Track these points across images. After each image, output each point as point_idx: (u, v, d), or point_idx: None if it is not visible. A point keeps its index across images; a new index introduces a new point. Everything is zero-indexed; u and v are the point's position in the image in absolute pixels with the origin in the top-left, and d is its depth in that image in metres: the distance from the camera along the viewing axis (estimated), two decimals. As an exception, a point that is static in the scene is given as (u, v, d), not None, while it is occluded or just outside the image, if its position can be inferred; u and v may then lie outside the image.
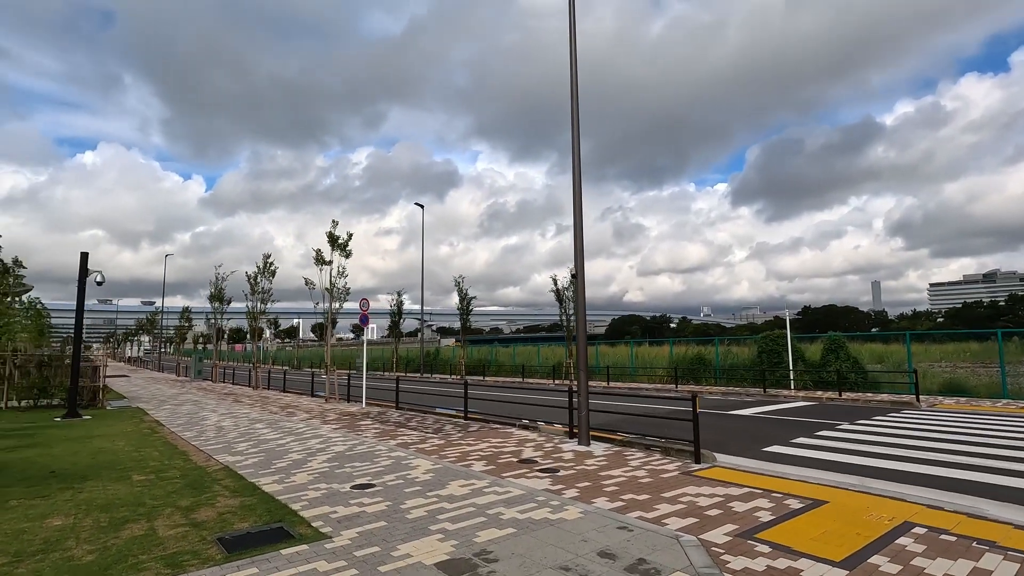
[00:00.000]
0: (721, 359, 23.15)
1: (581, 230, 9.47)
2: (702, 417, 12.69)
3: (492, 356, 34.90)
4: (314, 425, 11.68)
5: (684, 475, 6.95)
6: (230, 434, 10.65)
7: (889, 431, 10.52)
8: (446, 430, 10.72)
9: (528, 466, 7.43)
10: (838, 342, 19.14)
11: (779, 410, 14.15)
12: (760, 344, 21.22)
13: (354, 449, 8.78)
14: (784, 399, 16.86)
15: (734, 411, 13.95)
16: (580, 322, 9.33)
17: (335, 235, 18.10)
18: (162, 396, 20.55)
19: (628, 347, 28.13)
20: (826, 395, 16.80)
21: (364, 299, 16.62)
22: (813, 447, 9.01)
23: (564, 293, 25.49)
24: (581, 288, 9.37)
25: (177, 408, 15.86)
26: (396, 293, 38.65)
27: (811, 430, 10.70)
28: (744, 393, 18.22)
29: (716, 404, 15.70)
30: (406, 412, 13.97)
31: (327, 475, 7.05)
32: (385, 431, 10.68)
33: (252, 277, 24.53)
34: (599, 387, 22.66)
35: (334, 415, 13.46)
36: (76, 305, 14.64)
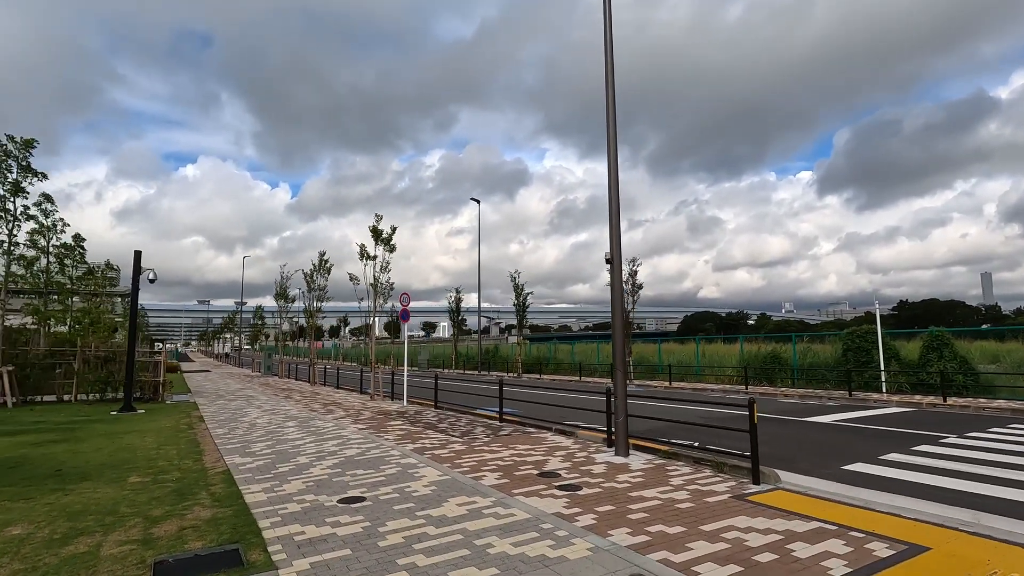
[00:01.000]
0: (800, 358, 20.83)
1: (618, 207, 8.27)
2: (770, 425, 11.10)
3: (551, 353, 33.83)
4: (343, 424, 11.18)
5: (735, 499, 5.65)
6: (255, 432, 10.33)
7: (1013, 448, 8.54)
8: (475, 433, 9.86)
9: (547, 481, 6.38)
10: (942, 338, 16.52)
11: (867, 417, 12.17)
12: (845, 340, 18.81)
13: (367, 453, 8.09)
14: (873, 404, 14.67)
15: (811, 418, 12.14)
16: (616, 314, 8.15)
17: (379, 229, 17.73)
18: (224, 391, 21.16)
19: (694, 345, 26.13)
20: (926, 400, 14.45)
21: (404, 294, 16.11)
22: (908, 466, 7.33)
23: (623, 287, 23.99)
24: (617, 274, 8.17)
25: (228, 404, 16.05)
26: (455, 291, 38.42)
27: (906, 443, 8.89)
28: (826, 397, 16.10)
29: (790, 409, 13.85)
30: (444, 412, 13.27)
31: (322, 484, 6.35)
32: (410, 433, 9.96)
33: (308, 275, 24.91)
34: (660, 388, 21.07)
35: (369, 414, 12.97)
36: (131, 302, 15.09)
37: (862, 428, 10.62)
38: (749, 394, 18.01)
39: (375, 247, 17.79)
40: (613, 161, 8.32)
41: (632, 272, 23.84)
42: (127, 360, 14.68)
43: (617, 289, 8.13)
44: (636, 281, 23.83)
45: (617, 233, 8.20)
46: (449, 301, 38.47)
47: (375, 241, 17.76)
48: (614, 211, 8.22)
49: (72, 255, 22.43)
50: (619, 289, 8.13)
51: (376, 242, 17.77)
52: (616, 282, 8.14)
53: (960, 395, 15.39)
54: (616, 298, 8.12)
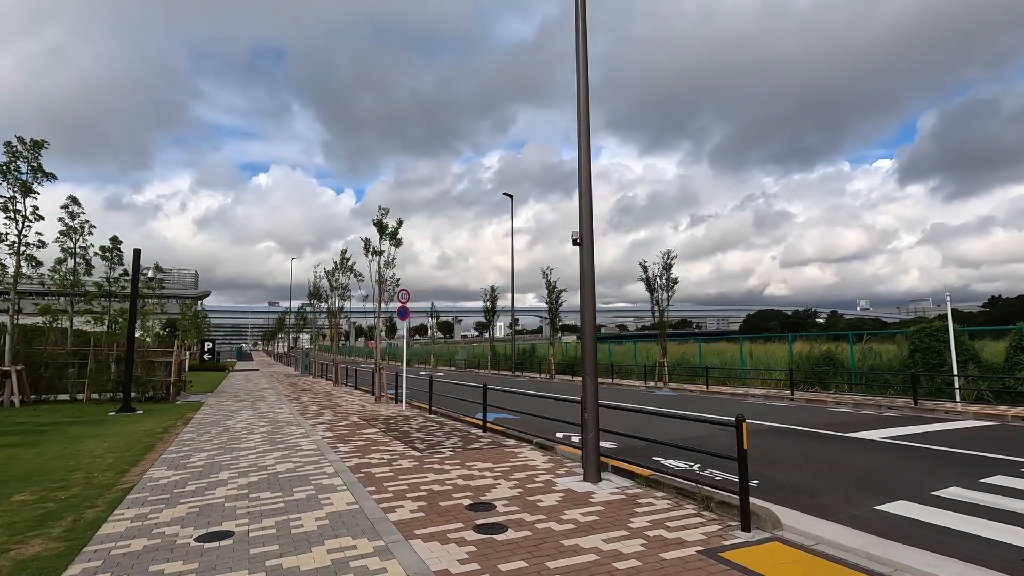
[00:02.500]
0: (859, 359, 18.27)
1: (588, 178, 6.80)
2: (805, 442, 9.17)
3: (586, 353, 32.10)
4: (313, 432, 10.23)
5: (704, 556, 4.13)
6: (220, 439, 9.55)
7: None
8: (442, 446, 8.63)
9: (472, 517, 5.05)
10: (1033, 337, 13.78)
11: (930, 434, 10.01)
12: (912, 340, 16.21)
13: (299, 470, 7.02)
14: (943, 416, 12.29)
15: (859, 433, 10.11)
16: (586, 308, 6.66)
17: (384, 223, 16.86)
18: (245, 390, 21.00)
19: (738, 344, 23.77)
20: (1012, 411, 11.94)
21: (403, 289, 15.13)
22: (971, 508, 5.47)
23: (656, 281, 22.06)
24: (588, 258, 6.70)
25: (232, 404, 15.62)
26: (490, 288, 37.34)
27: (975, 472, 6.91)
28: (886, 405, 13.77)
29: (838, 421, 11.77)
30: (435, 418, 12.13)
31: (208, 511, 5.31)
32: (371, 445, 8.86)
33: (329, 273, 24.52)
34: (696, 392, 19.10)
35: (355, 419, 12.02)
36: (130, 299, 14.90)
37: (920, 448, 8.58)
38: (795, 400, 15.82)
39: (380, 242, 16.94)
40: (584, 126, 6.86)
41: (667, 265, 21.87)
42: (126, 360, 14.47)
43: (588, 277, 6.66)
44: (670, 275, 21.83)
45: (588, 209, 6.73)
46: (485, 300, 37.43)
47: (380, 235, 16.91)
48: (584, 183, 6.76)
49: (111, 257, 23.03)
50: (590, 277, 6.66)
51: (381, 236, 16.91)
52: (587, 268, 6.67)
53: (1059, 405, 12.71)
54: (586, 287, 6.65)
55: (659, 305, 22.08)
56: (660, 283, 21.96)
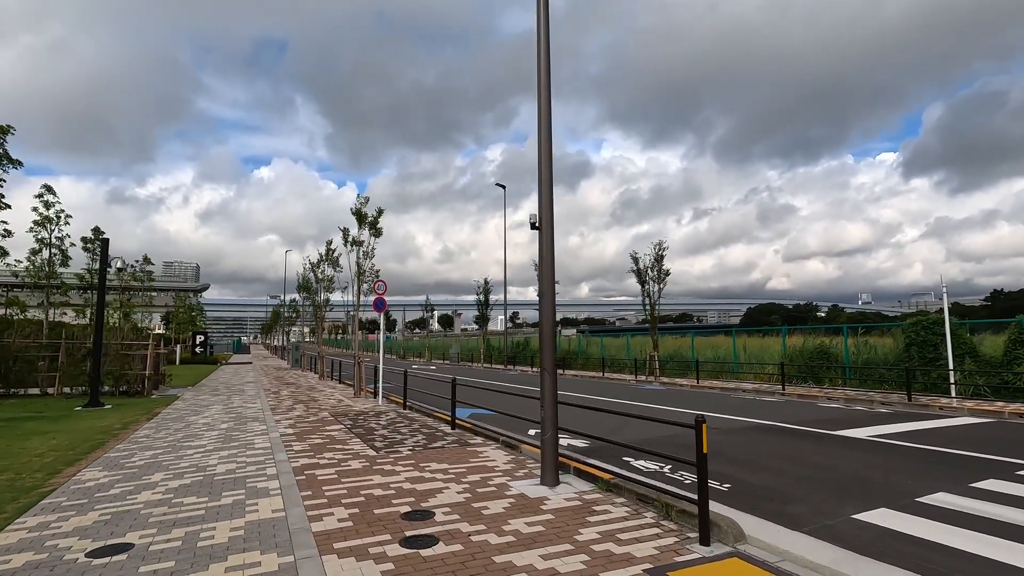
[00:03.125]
0: (854, 353, 17.74)
1: (549, 161, 6.27)
2: (789, 440, 8.60)
3: (580, 347, 31.64)
4: (275, 429, 9.77)
5: (655, 575, 3.65)
6: (175, 436, 9.09)
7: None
8: (403, 444, 8.16)
9: (404, 527, 4.58)
10: (1033, 330, 13.24)
11: (922, 432, 9.51)
12: (908, 333, 15.68)
13: (239, 471, 6.56)
14: (937, 412, 11.79)
15: (847, 430, 9.62)
16: (545, 296, 6.15)
17: (363, 211, 16.32)
18: (228, 383, 20.56)
19: (731, 338, 23.25)
20: (1010, 408, 11.43)
21: (380, 280, 14.63)
22: (958, 517, 4.97)
23: (647, 273, 21.51)
24: (547, 242, 6.18)
25: (208, 399, 15.18)
26: (483, 281, 36.83)
27: (966, 475, 6.41)
28: (879, 401, 13.26)
29: (827, 418, 11.28)
30: (407, 414, 11.67)
31: (119, 518, 4.84)
32: (329, 443, 8.39)
33: (315, 265, 23.96)
34: (686, 387, 18.62)
35: (325, 414, 11.55)
36: (98, 291, 14.42)
37: (909, 448, 8.09)
38: (786, 396, 15.33)
39: (359, 231, 16.42)
40: (545, 101, 6.32)
41: (658, 256, 21.30)
42: (93, 353, 14.01)
43: (547, 263, 6.14)
44: (662, 267, 21.27)
45: (548, 191, 6.21)
46: (478, 292, 36.91)
47: (359, 225, 16.38)
48: (544, 163, 6.23)
49: (94, 249, 22.52)
50: (549, 263, 6.14)
51: (360, 226, 16.38)
52: (546, 253, 6.15)
53: (1059, 401, 12.20)
54: (545, 274, 6.13)
55: (650, 298, 21.55)
56: (651, 275, 21.41)
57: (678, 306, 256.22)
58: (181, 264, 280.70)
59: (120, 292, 28.36)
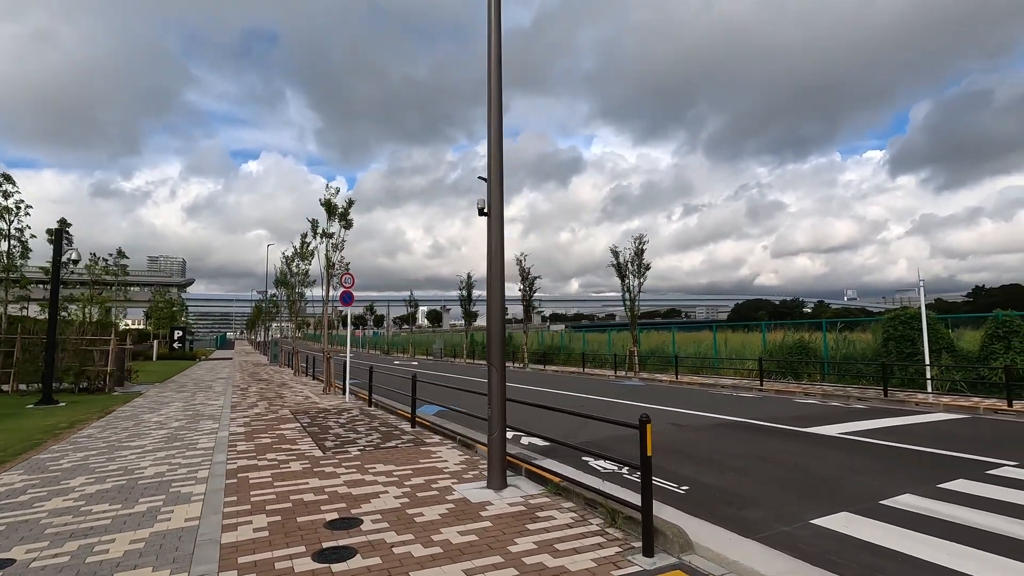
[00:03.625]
0: (834, 348, 17.57)
1: (499, 142, 5.89)
2: (758, 438, 8.20)
3: (563, 343, 31.35)
4: (226, 428, 9.32)
5: (580, 594, 3.29)
6: (116, 436, 8.62)
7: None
8: (358, 443, 7.76)
9: (327, 537, 4.19)
10: (1010, 324, 13.10)
11: (895, 428, 9.28)
12: (886, 328, 15.51)
13: (168, 474, 6.13)
14: (913, 408, 11.60)
15: (819, 428, 9.36)
16: (493, 288, 5.77)
17: (332, 203, 15.83)
18: (198, 380, 20.00)
19: (712, 333, 23.05)
20: (985, 404, 11.26)
21: (348, 274, 14.18)
22: (924, 521, 4.68)
23: (627, 267, 21.21)
24: (497, 230, 5.80)
25: (171, 395, 14.65)
26: (466, 275, 36.35)
27: (935, 475, 6.14)
28: (855, 397, 13.06)
29: (801, 414, 11.04)
30: (370, 411, 11.27)
31: (11, 530, 4.42)
32: (282, 441, 7.97)
33: (289, 260, 23.41)
34: (665, 382, 18.38)
35: (286, 412, 11.11)
36: (51, 283, 13.83)
37: (880, 447, 7.83)
38: (764, 391, 15.11)
39: (328, 223, 15.93)
40: (496, 73, 5.93)
41: (638, 250, 21.02)
42: (46, 348, 13.43)
43: (496, 252, 5.76)
44: (642, 261, 20.99)
45: (498, 174, 5.83)
46: (460, 287, 36.41)
47: (329, 216, 15.89)
48: (494, 144, 5.85)
49: (60, 241, 21.76)
50: (498, 252, 5.77)
51: (330, 217, 15.89)
52: (495, 242, 5.78)
53: (1034, 397, 12.06)
54: (494, 264, 5.76)
55: (630, 292, 21.26)
56: (631, 269, 21.12)
57: (667, 302, 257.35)
58: (167, 259, 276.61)
59: (91, 286, 27.62)
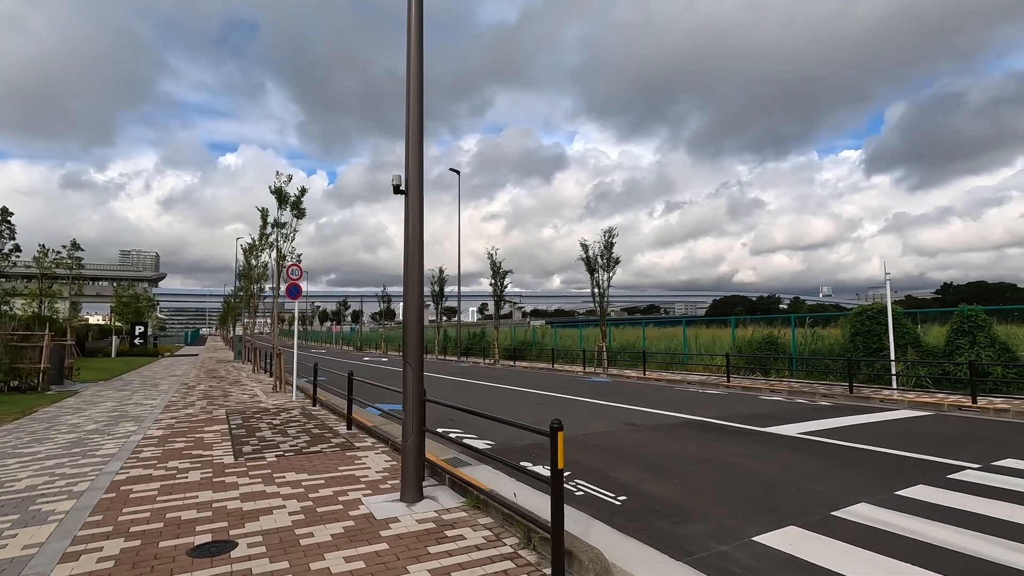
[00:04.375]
0: (805, 344, 17.32)
1: (420, 111, 5.24)
2: (709, 439, 7.44)
3: (534, 339, 30.83)
4: (143, 432, 8.55)
5: (459, 642, 2.70)
6: (19, 440, 7.80)
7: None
8: (280, 447, 7.08)
9: (183, 566, 3.54)
10: (975, 319, 12.90)
11: (856, 427, 8.90)
12: (854, 323, 15.28)
13: (41, 488, 5.39)
14: (878, 405, 11.30)
15: (777, 427, 8.94)
16: (411, 278, 5.13)
17: (284, 190, 15.00)
18: (146, 378, 19.00)
19: (682, 329, 22.73)
20: (950, 400, 11.00)
21: (295, 265, 13.41)
22: (876, 536, 4.20)
23: (596, 261, 20.73)
24: (415, 209, 5.15)
25: (107, 394, 13.73)
26: (438, 270, 35.55)
27: (892, 481, 5.71)
28: (821, 393, 12.75)
29: (763, 412, 10.65)
30: (315, 410, 10.57)
31: None
32: (196, 446, 7.24)
33: (248, 251, 22.43)
34: (632, 378, 17.96)
35: (222, 412, 10.35)
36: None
37: (840, 448, 7.41)
38: (730, 388, 14.76)
39: (279, 212, 15.10)
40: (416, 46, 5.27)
41: (607, 243, 20.55)
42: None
43: (414, 237, 5.12)
44: (611, 255, 20.52)
45: (417, 145, 5.18)
46: (432, 282, 35.57)
47: (279, 205, 15.06)
48: (413, 109, 5.19)
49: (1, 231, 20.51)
50: (417, 236, 5.13)
51: (281, 206, 15.06)
52: (413, 225, 5.13)
53: (999, 392, 11.87)
54: (412, 250, 5.11)
55: (599, 287, 20.79)
56: (601, 263, 20.64)
57: (647, 298, 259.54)
58: (139, 253, 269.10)
59: (40, 279, 26.28)
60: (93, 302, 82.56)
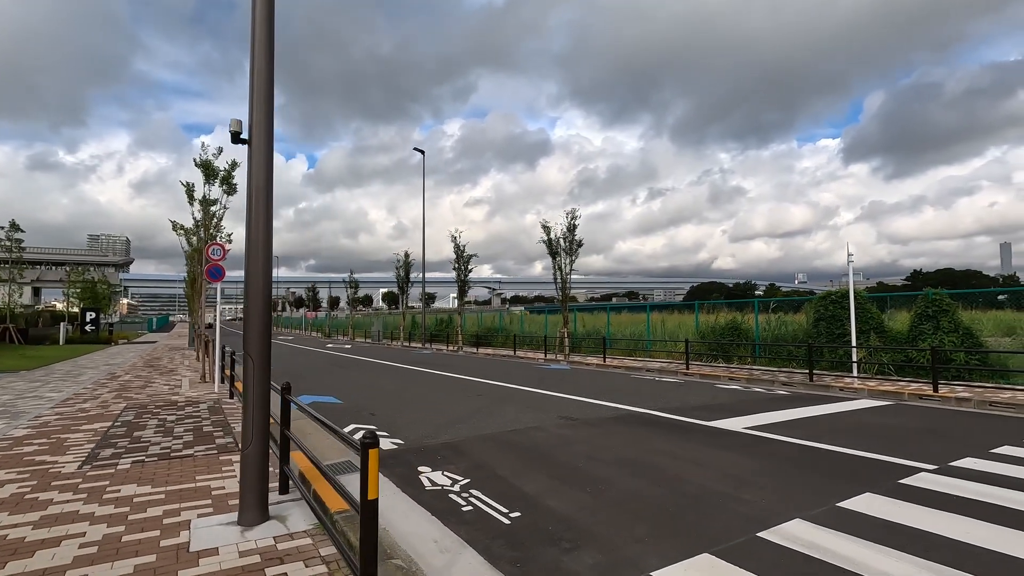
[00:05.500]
0: (770, 329, 16.74)
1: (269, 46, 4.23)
2: (645, 435, 6.34)
3: (500, 325, 29.99)
4: (12, 428, 7.47)
5: None
6: None
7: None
8: (147, 452, 6.09)
9: None
10: (939, 303, 12.36)
11: (809, 420, 8.22)
12: (816, 308, 14.71)
13: None
14: (837, 394, 10.69)
15: (725, 420, 8.21)
16: (253, 252, 4.15)
17: (211, 164, 13.77)
18: (80, 367, 17.67)
19: (658, 314, 22.05)
20: (911, 388, 10.43)
21: (217, 244, 12.25)
22: (805, 565, 3.42)
23: (558, 244, 19.86)
24: (260, 162, 4.17)
25: (18, 386, 12.48)
26: (403, 254, 34.26)
27: (839, 486, 4.97)
28: (783, 381, 12.13)
29: (715, 403, 9.95)
30: (228, 403, 9.56)
31: None
32: (51, 448, 6.21)
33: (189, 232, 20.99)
34: (592, 366, 17.24)
35: (119, 406, 9.27)
36: None
37: (786, 445, 6.69)
38: (689, 375, 14.11)
39: (207, 187, 13.89)
40: None
41: (570, 226, 19.68)
42: None
43: (260, 198, 4.14)
44: (575, 237, 19.67)
45: (266, 83, 4.18)
46: (397, 266, 34.26)
47: (206, 179, 13.84)
48: (260, 45, 4.18)
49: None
50: (263, 198, 4.15)
51: (208, 180, 13.85)
52: (259, 180, 4.14)
53: (961, 379, 11.37)
54: (257, 213, 4.13)
55: (561, 271, 19.96)
56: (563, 246, 19.79)
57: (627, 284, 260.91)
58: (109, 237, 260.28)
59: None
60: (57, 287, 79.33)
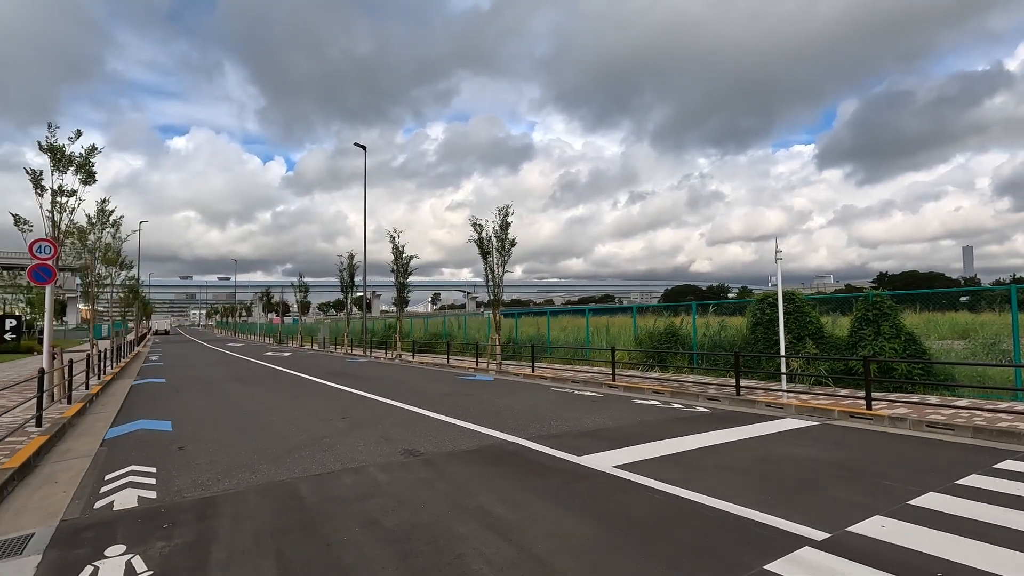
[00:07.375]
0: (709, 334, 15.39)
1: None
2: (492, 477, 5.05)
3: (445, 331, 28.29)
4: None
5: None
6: None
7: None
8: None
9: None
10: (880, 306, 11.08)
11: (711, 449, 6.75)
12: (754, 312, 13.37)
13: None
14: (762, 411, 9.29)
15: (597, 454, 6.68)
16: None
17: (61, 148, 11.84)
18: None
19: (630, 318, 20.59)
20: (842, 405, 9.05)
21: (43, 239, 10.34)
22: None
23: (489, 243, 18.27)
24: None
25: None
26: (348, 255, 32.31)
27: (689, 569, 3.44)
28: (709, 395, 10.70)
29: (606, 426, 8.45)
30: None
31: None
32: None
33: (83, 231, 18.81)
34: (519, 376, 15.69)
35: None
36: None
37: (650, 495, 5.18)
38: (613, 387, 12.63)
39: (56, 176, 11.94)
40: None
41: (503, 224, 18.11)
42: None
43: None
44: (507, 235, 18.10)
45: None
46: (340, 268, 32.29)
47: (55, 166, 11.90)
48: None
49: None
50: None
51: (57, 167, 11.90)
52: None
53: (904, 390, 10.09)
54: None
55: (493, 272, 18.37)
56: (495, 245, 18.20)
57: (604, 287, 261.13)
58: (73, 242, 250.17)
59: None
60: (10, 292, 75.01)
